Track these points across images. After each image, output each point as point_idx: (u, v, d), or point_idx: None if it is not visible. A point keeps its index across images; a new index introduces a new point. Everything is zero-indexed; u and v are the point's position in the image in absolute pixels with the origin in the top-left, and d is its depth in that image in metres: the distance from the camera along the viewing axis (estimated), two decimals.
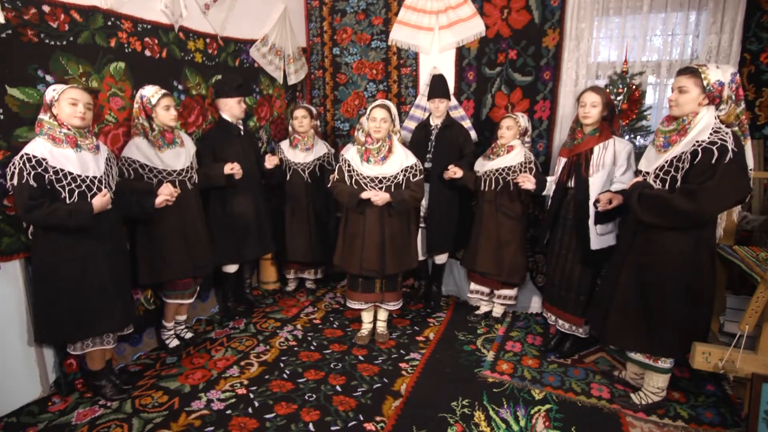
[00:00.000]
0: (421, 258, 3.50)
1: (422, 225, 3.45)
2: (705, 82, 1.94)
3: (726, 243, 2.66)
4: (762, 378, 2.06)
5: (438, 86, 3.31)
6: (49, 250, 2.16)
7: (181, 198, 2.65)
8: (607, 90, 3.05)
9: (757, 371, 2.10)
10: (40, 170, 2.05)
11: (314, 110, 3.78)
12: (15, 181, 2.04)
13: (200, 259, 2.84)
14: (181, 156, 2.75)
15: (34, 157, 2.05)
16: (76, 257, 2.18)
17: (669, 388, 2.49)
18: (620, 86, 2.99)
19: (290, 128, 3.61)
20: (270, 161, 3.31)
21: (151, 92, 2.61)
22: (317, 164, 3.64)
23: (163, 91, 2.64)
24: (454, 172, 3.11)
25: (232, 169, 2.96)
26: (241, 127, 3.23)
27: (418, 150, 3.27)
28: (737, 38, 2.99)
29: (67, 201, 2.12)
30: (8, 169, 2.08)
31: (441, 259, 3.58)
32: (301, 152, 3.58)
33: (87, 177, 2.18)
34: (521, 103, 3.62)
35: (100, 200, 2.18)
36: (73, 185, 2.14)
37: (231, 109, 3.12)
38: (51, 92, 2.15)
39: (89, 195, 2.18)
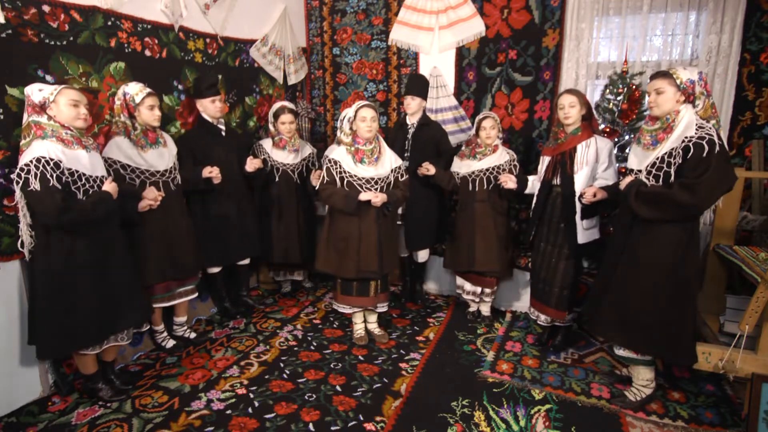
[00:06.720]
0: (403, 255, 3.57)
1: (399, 222, 3.43)
2: (678, 81, 2.07)
3: (726, 243, 2.67)
4: (762, 378, 2.06)
5: (412, 83, 3.29)
6: (52, 255, 2.11)
7: (164, 200, 2.58)
8: (607, 89, 3.06)
9: (757, 371, 2.10)
10: (58, 173, 2.03)
11: (295, 108, 3.58)
12: (38, 186, 1.97)
13: (182, 263, 2.77)
14: (164, 156, 2.67)
15: (52, 159, 2.01)
16: (84, 261, 2.15)
17: (669, 388, 2.50)
18: (620, 86, 3.00)
19: (271, 129, 3.44)
20: (251, 164, 3.16)
21: (135, 90, 2.50)
22: (304, 164, 3.58)
23: (148, 90, 2.54)
24: (427, 169, 3.12)
25: (211, 173, 2.89)
26: (222, 128, 3.13)
27: (396, 148, 3.23)
28: (737, 38, 2.99)
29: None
30: (21, 174, 1.99)
31: (423, 257, 3.59)
32: (290, 153, 3.47)
33: (97, 177, 2.20)
34: (521, 103, 3.62)
35: (113, 186, 2.22)
36: (87, 186, 2.15)
37: (206, 109, 3.04)
38: (40, 93, 2.09)
39: None
